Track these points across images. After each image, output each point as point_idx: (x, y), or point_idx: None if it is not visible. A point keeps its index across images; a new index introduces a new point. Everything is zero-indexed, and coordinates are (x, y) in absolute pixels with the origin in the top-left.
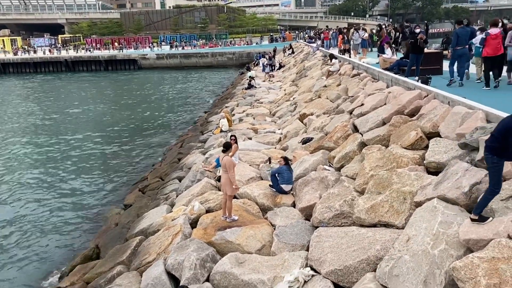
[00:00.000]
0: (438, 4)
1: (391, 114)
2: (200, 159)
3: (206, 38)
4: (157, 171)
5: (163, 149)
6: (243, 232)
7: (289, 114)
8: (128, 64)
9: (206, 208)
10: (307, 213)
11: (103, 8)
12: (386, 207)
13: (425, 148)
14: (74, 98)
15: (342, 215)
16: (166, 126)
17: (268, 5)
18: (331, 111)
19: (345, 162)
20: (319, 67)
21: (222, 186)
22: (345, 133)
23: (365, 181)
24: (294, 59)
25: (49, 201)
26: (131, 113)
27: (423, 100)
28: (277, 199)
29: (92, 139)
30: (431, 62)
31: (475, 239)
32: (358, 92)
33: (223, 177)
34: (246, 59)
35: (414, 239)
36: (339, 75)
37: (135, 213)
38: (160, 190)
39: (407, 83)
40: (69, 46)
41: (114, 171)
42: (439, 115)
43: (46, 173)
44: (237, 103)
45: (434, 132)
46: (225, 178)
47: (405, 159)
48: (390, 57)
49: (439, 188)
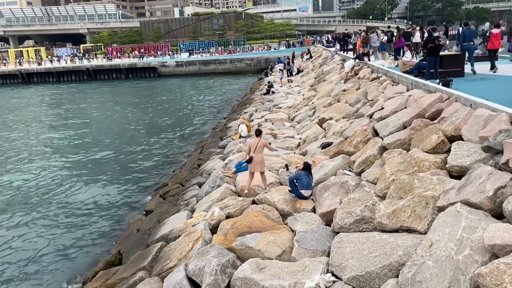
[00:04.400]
0: (458, 6)
1: (412, 118)
2: (220, 164)
3: (224, 45)
4: (177, 177)
5: (183, 155)
6: (263, 237)
7: (308, 118)
8: (148, 71)
9: (226, 213)
10: (328, 218)
11: (123, 18)
12: (408, 212)
13: (447, 151)
14: (95, 106)
15: (363, 221)
16: (186, 132)
17: (286, 11)
18: (351, 115)
19: (366, 166)
20: (338, 71)
21: (254, 165)
22: (365, 137)
23: (386, 185)
24: (312, 63)
25: (72, 207)
26: (151, 119)
27: (444, 103)
28: (297, 204)
29: (113, 146)
30: (452, 64)
31: (500, 244)
32: (377, 96)
33: (258, 156)
34: (264, 65)
35: (437, 245)
36: (358, 78)
37: (156, 219)
38: (181, 196)
39: (427, 86)
40: (90, 55)
41: (135, 177)
42: (461, 118)
43: (69, 179)
44: (256, 108)
45: (456, 136)
46: (260, 158)
47: (427, 163)
48: (410, 60)
49: (462, 192)
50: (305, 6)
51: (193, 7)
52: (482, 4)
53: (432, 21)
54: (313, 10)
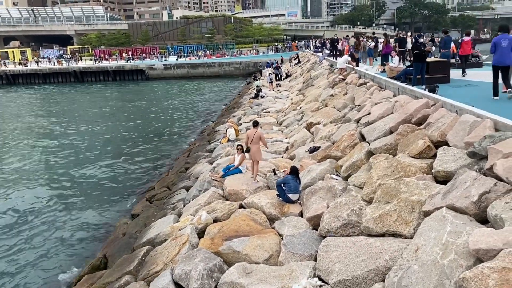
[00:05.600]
0: (444, 13)
1: (398, 123)
2: (207, 168)
3: (213, 48)
4: (165, 181)
5: (171, 158)
6: (250, 242)
7: (296, 123)
8: (136, 74)
9: (213, 217)
10: (315, 222)
11: (111, 20)
12: (394, 216)
13: (433, 157)
14: (82, 108)
15: (350, 225)
16: (173, 135)
17: (275, 15)
18: (338, 120)
19: (353, 171)
20: (326, 76)
21: (252, 154)
22: (352, 142)
23: (373, 190)
24: (300, 68)
25: (57, 211)
26: (138, 122)
27: (430, 109)
28: (285, 208)
29: (99, 149)
30: (438, 70)
31: (485, 249)
32: (365, 101)
33: (254, 147)
34: (253, 68)
35: (423, 249)
36: (345, 84)
37: (143, 222)
38: (167, 199)
39: (414, 92)
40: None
41: (122, 181)
42: (447, 124)
43: (54, 182)
44: (244, 112)
45: (442, 141)
46: (257, 148)
47: (413, 168)
48: (397, 66)
49: (447, 197)
50: (294, 11)
51: (182, 10)
52: (467, 12)
53: (418, 27)
54: (301, 15)
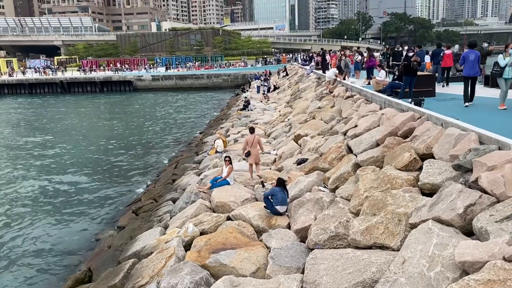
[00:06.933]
0: (429, 28)
1: (385, 136)
2: (195, 180)
3: (201, 60)
4: (151, 193)
5: (157, 170)
6: (237, 254)
7: (284, 135)
8: (124, 85)
9: (200, 230)
10: (303, 235)
11: (99, 31)
12: (381, 228)
13: (419, 169)
14: (68, 119)
15: (338, 237)
16: (161, 147)
17: (263, 28)
18: (326, 132)
19: (340, 183)
20: (313, 89)
21: (252, 158)
22: (340, 154)
23: (360, 202)
24: (288, 81)
25: (42, 222)
26: (126, 134)
27: (416, 122)
28: (272, 220)
29: (85, 160)
30: (423, 84)
31: (470, 261)
32: (351, 114)
33: (254, 150)
34: (241, 80)
35: (409, 261)
36: (332, 96)
37: (128, 235)
38: (154, 212)
39: (400, 105)
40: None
41: (108, 193)
42: (433, 137)
43: (38, 194)
44: (232, 123)
45: (428, 154)
46: (256, 151)
47: (399, 181)
48: (383, 79)
49: (434, 209)
50: (282, 25)
51: (171, 22)
52: (451, 27)
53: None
54: (289, 29)
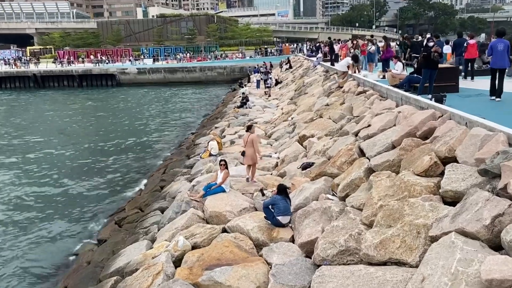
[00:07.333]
0: (452, 15)
1: (402, 137)
2: (186, 187)
3: (194, 51)
4: (136, 201)
5: (144, 175)
6: (234, 271)
7: (287, 135)
8: (106, 79)
9: (192, 243)
10: (308, 249)
11: (78, 17)
12: (398, 242)
13: (440, 175)
14: (42, 118)
15: (348, 252)
16: (147, 149)
17: (263, 15)
18: (334, 132)
19: (351, 190)
20: (320, 83)
21: (246, 159)
22: (350, 158)
23: (374, 212)
24: (292, 74)
25: (11, 236)
26: (107, 134)
27: (437, 121)
28: (274, 233)
29: (62, 165)
30: (445, 78)
31: (499, 279)
32: (364, 112)
33: (248, 150)
34: (239, 74)
35: (429, 279)
36: (342, 92)
37: (110, 249)
38: (139, 223)
39: (419, 102)
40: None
41: (87, 202)
42: (456, 138)
43: (10, 202)
44: (229, 123)
45: (450, 157)
46: (251, 151)
47: (418, 188)
48: (400, 73)
49: (457, 220)
50: (285, 11)
51: (159, 8)
52: (477, 14)
53: (423, 30)
54: (293, 16)
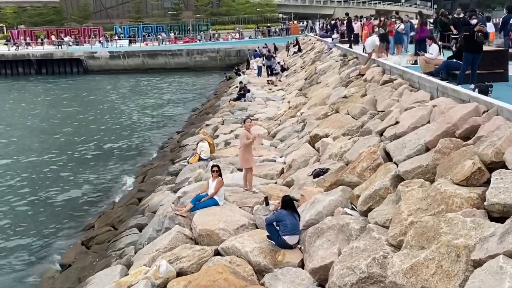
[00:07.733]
0: None
1: (437, 137)
2: (170, 199)
3: (179, 30)
4: (108, 217)
5: (117, 185)
6: None
7: (295, 135)
8: (70, 65)
9: (177, 269)
10: (321, 276)
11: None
12: (433, 267)
13: (485, 184)
14: None
15: (371, 279)
16: (122, 152)
17: None
18: (354, 131)
19: (374, 203)
20: (337, 70)
21: (239, 159)
22: (374, 163)
23: (402, 230)
24: (301, 59)
25: None
26: (73, 134)
27: (481, 117)
28: (279, 256)
29: (15, 172)
30: (492, 64)
31: None
32: (391, 106)
33: (242, 151)
34: (235, 59)
35: None
36: (363, 81)
37: (76, 276)
38: (112, 243)
39: (459, 93)
40: None
41: (48, 217)
42: (505, 138)
43: None
44: (223, 120)
45: (498, 162)
46: (244, 151)
47: (458, 200)
48: (436, 57)
49: (506, 240)
50: None
51: None
52: None
53: (465, 4)
54: None
